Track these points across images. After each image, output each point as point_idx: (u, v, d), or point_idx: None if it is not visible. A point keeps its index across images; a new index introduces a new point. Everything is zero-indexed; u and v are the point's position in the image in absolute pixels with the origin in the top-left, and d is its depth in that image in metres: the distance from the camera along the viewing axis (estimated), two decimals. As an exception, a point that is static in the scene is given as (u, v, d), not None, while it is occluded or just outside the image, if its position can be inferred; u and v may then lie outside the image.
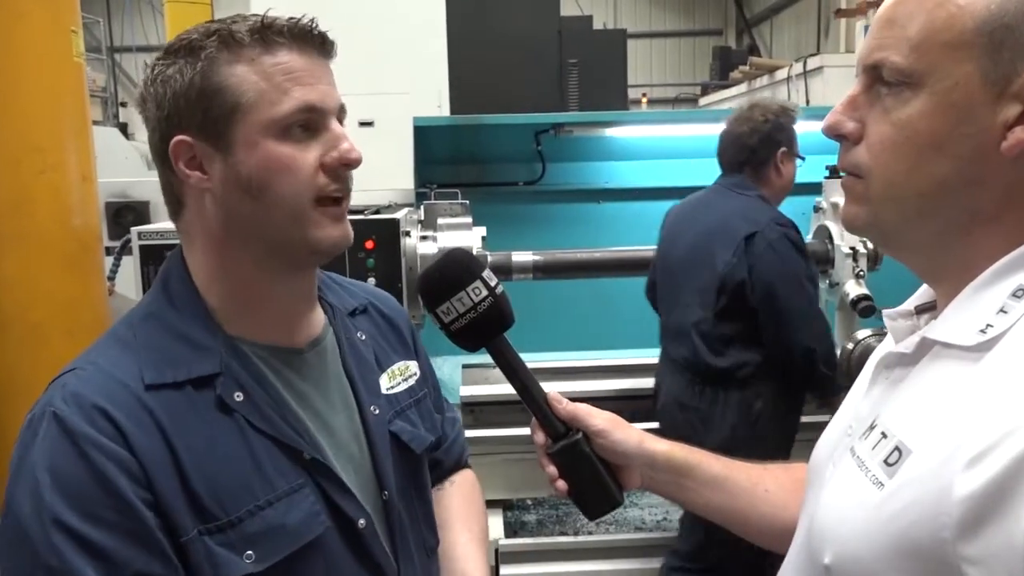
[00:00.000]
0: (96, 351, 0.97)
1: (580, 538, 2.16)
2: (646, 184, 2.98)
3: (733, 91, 9.30)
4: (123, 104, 13.30)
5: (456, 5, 3.21)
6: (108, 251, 2.86)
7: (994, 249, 0.74)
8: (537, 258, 2.23)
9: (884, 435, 0.76)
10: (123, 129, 8.96)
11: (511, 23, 4.18)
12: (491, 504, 2.21)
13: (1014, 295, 0.71)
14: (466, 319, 1.01)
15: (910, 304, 0.87)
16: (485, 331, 1.03)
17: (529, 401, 1.07)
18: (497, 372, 2.59)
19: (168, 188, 0.99)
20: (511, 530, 2.21)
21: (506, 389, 2.40)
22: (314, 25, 0.96)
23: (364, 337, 1.15)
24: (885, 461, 0.74)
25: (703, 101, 11.17)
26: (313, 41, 0.96)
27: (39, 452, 0.88)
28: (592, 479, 1.07)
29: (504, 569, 2.07)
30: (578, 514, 2.35)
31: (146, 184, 3.28)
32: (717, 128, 2.99)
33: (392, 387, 1.16)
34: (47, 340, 1.93)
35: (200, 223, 0.98)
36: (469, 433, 2.21)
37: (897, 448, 0.74)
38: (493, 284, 1.03)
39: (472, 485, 1.34)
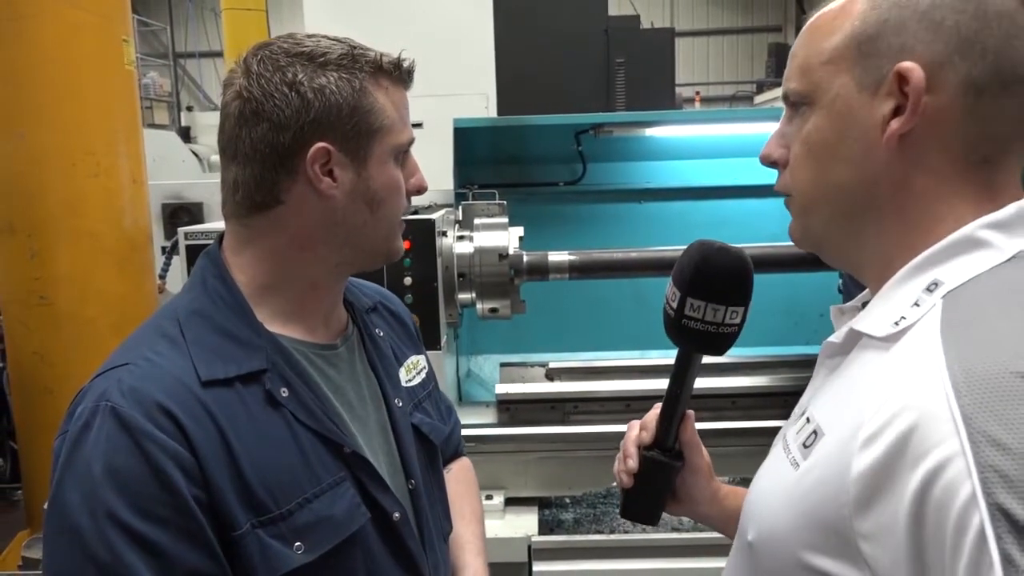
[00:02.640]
0: (143, 346, 0.98)
1: (614, 536, 2.16)
2: (689, 184, 2.96)
3: (789, 88, 9.13)
4: (189, 108, 13.66)
5: (503, 6, 3.24)
6: (164, 250, 2.97)
7: (907, 245, 0.81)
8: (573, 258, 2.24)
9: (808, 420, 0.83)
10: (186, 132, 9.21)
11: (559, 23, 4.19)
12: (525, 501, 2.23)
13: (927, 289, 0.77)
14: (702, 326, 0.99)
15: (858, 300, 0.93)
16: (704, 345, 1.02)
17: (669, 408, 1.10)
18: (534, 371, 2.60)
19: (265, 184, 1.01)
20: (547, 527, 2.23)
21: (542, 388, 2.43)
22: (414, 68, 1.09)
23: (381, 333, 1.19)
24: (803, 444, 0.81)
25: (759, 99, 11.03)
26: (411, 83, 1.09)
27: (93, 446, 0.89)
28: (655, 496, 1.14)
29: (537, 566, 2.09)
30: (615, 513, 2.36)
31: (201, 186, 3.40)
32: (762, 127, 2.96)
33: (409, 380, 1.20)
34: (99, 335, 2.02)
35: (294, 223, 1.02)
36: (504, 431, 2.25)
37: (814, 431, 0.81)
38: (745, 315, 1.01)
39: (468, 471, 1.41)
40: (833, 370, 0.87)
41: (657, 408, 1.12)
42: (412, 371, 1.23)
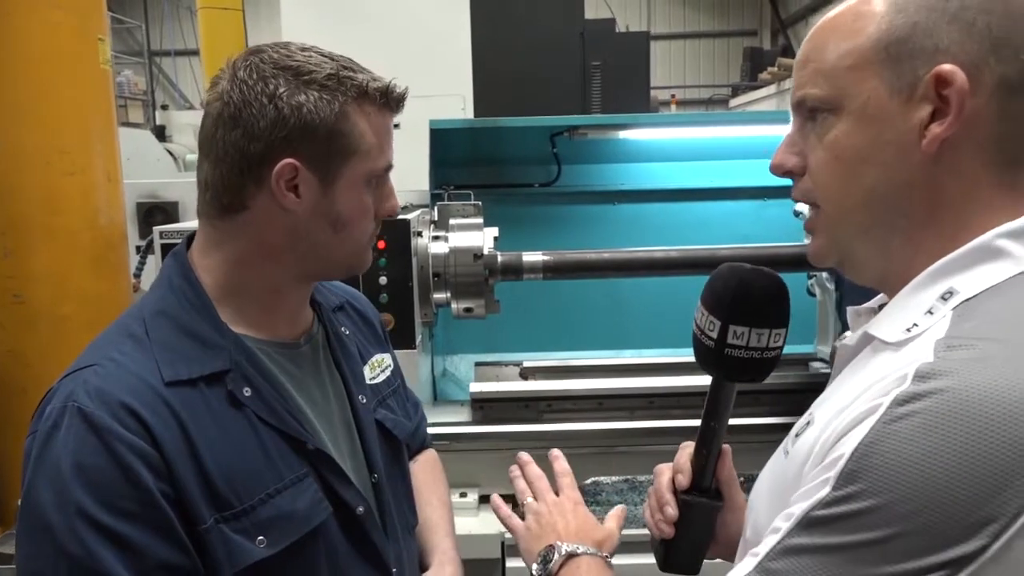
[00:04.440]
0: (109, 347, 1.01)
1: (587, 533, 2.19)
2: (662, 186, 3.00)
3: (762, 92, 9.26)
4: (164, 107, 13.55)
5: (480, 8, 3.26)
6: (138, 249, 2.97)
7: (933, 250, 0.80)
8: (547, 258, 2.26)
9: (810, 413, 0.83)
10: (161, 131, 9.13)
11: (535, 26, 4.22)
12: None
13: (942, 297, 0.77)
14: (746, 354, 0.94)
15: (875, 302, 0.93)
16: (747, 372, 0.97)
17: (706, 445, 1.04)
18: (508, 370, 2.60)
19: (233, 190, 1.03)
20: (521, 525, 2.25)
21: (515, 387, 2.45)
22: (405, 95, 1.08)
23: (347, 332, 1.22)
24: (796, 433, 0.82)
25: (733, 102, 11.15)
26: (400, 109, 1.09)
27: (62, 445, 0.92)
28: (699, 544, 1.07)
29: (511, 562, 2.11)
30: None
31: (176, 185, 3.39)
32: (734, 130, 3.01)
33: (374, 378, 1.23)
34: (75, 333, 2.02)
35: (258, 232, 1.04)
36: (477, 428, 2.28)
37: (808, 422, 0.82)
38: (786, 337, 0.97)
39: (435, 462, 1.45)
40: (843, 371, 0.87)
41: (687, 449, 1.08)
42: (376, 368, 1.26)
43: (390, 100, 1.05)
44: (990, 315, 0.73)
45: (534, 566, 1.06)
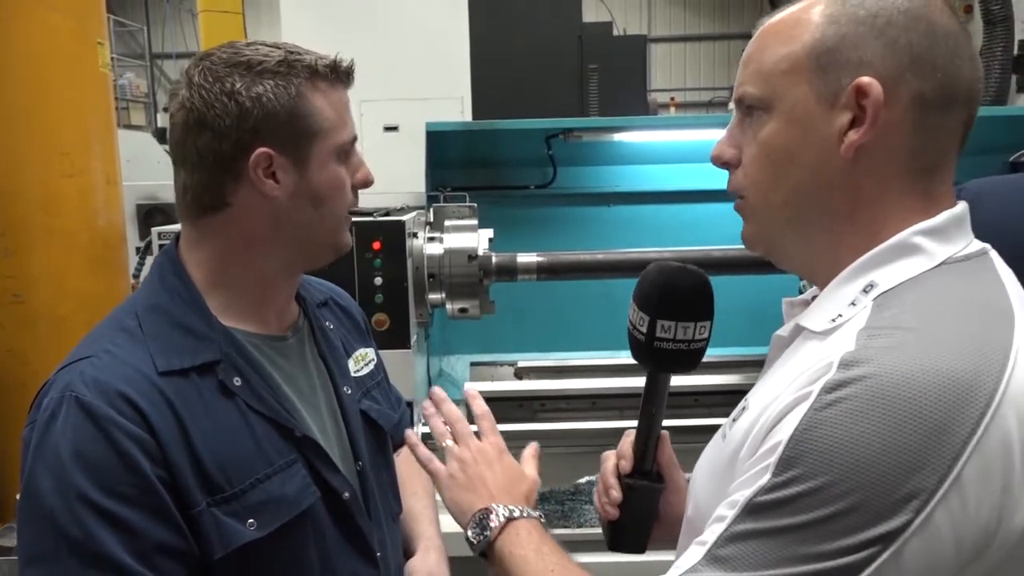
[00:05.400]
0: (104, 340, 1.04)
1: (580, 531, 2.21)
2: (658, 188, 3.02)
3: (763, 95, 9.24)
4: (165, 109, 13.59)
5: (478, 12, 3.29)
6: (138, 250, 2.99)
7: (854, 246, 0.86)
8: (541, 259, 2.29)
9: (746, 400, 0.89)
10: (162, 133, 9.16)
11: (533, 29, 4.25)
12: (493, 497, 2.27)
13: (864, 290, 0.83)
14: (674, 346, 1.00)
15: (808, 295, 0.98)
16: (677, 363, 1.02)
17: (645, 431, 1.10)
18: (503, 370, 2.63)
19: (212, 189, 1.06)
20: (516, 524, 2.27)
21: (509, 386, 2.47)
22: (353, 67, 1.13)
23: (332, 326, 1.26)
24: (733, 418, 0.88)
25: (732, 105, 11.14)
26: (351, 82, 1.13)
27: (61, 434, 0.95)
28: (643, 523, 1.12)
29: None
30: (583, 509, 2.41)
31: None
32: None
33: (358, 370, 1.27)
34: (73, 333, 2.03)
35: (243, 224, 1.08)
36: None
37: (744, 407, 0.88)
38: (711, 329, 1.02)
39: None
40: (777, 360, 0.92)
41: (629, 436, 1.13)
42: (360, 362, 1.30)
43: (339, 74, 1.10)
44: (906, 305, 0.79)
45: (469, 531, 1.02)
